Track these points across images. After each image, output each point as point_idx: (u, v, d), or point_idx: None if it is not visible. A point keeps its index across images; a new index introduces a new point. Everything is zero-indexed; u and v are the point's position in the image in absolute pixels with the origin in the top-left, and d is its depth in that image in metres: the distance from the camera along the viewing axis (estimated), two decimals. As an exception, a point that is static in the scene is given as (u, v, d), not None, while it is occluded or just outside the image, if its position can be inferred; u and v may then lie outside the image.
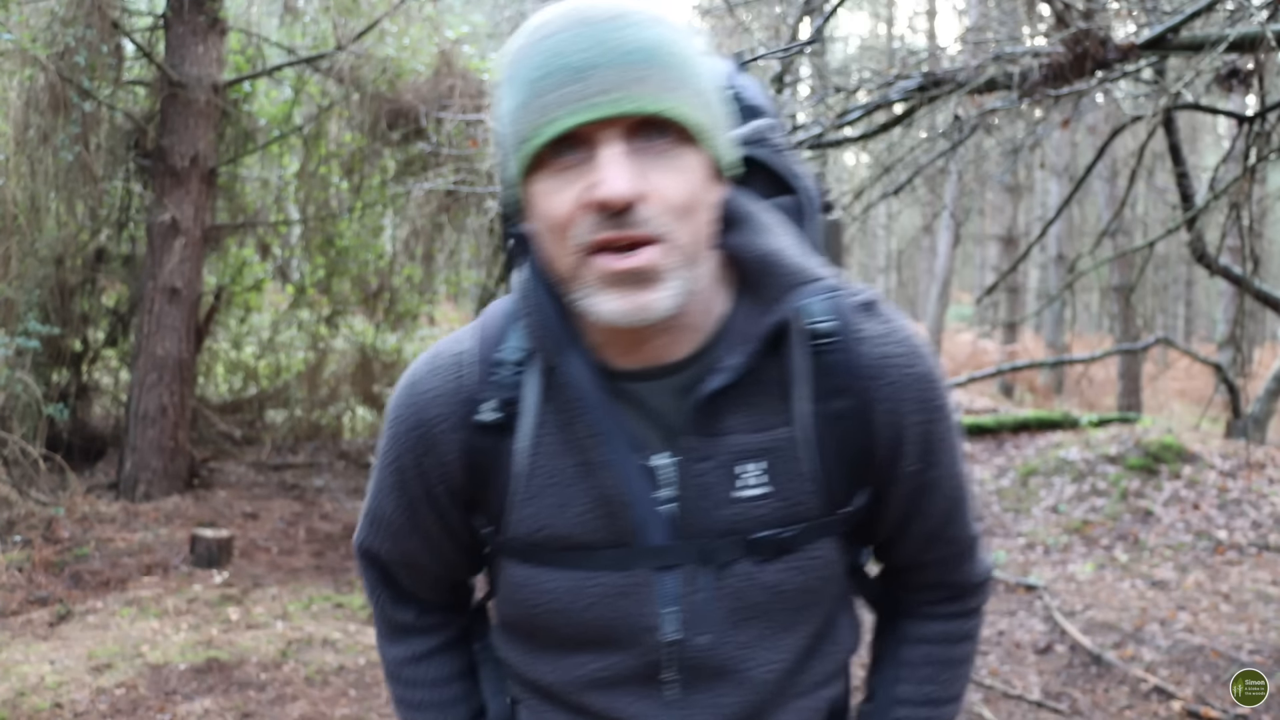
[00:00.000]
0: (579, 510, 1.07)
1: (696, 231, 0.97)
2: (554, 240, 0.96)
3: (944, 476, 1.13)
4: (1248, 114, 4.67)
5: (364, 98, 7.50)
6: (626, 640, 1.08)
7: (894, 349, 1.07)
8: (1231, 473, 7.67)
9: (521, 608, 1.12)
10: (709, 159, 0.99)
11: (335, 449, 9.08)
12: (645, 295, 0.94)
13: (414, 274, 8.90)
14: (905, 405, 1.07)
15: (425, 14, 7.96)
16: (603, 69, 0.92)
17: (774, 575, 1.07)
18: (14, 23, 6.25)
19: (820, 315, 1.06)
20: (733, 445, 1.05)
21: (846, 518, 1.10)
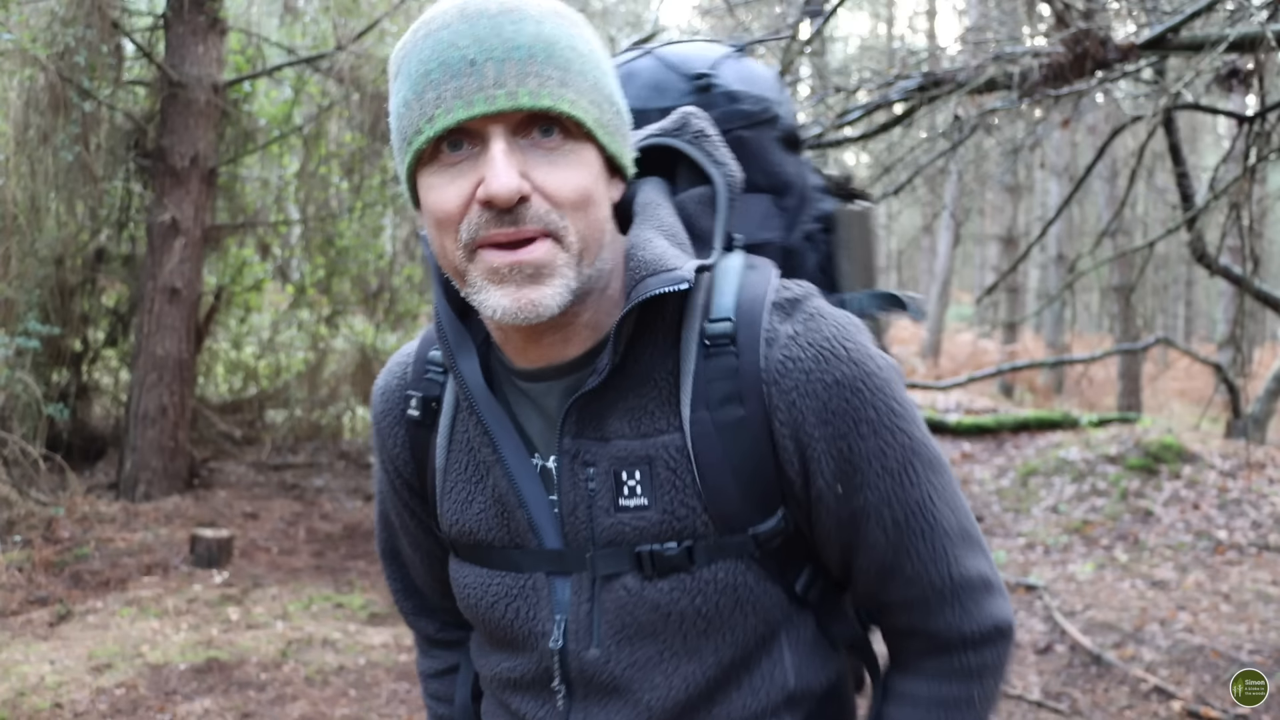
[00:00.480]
0: (480, 508, 1.07)
1: (588, 228, 0.94)
2: (442, 236, 0.94)
3: (884, 503, 0.99)
4: (1248, 114, 4.67)
5: (364, 98, 7.50)
6: (524, 643, 1.06)
7: (801, 350, 0.97)
8: (1231, 473, 7.67)
9: (458, 599, 1.13)
10: (604, 155, 0.97)
11: (335, 449, 9.08)
12: (533, 291, 0.92)
13: (414, 274, 8.90)
14: (808, 416, 0.96)
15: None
16: (492, 63, 0.89)
17: (661, 594, 0.99)
18: (14, 23, 6.25)
19: (720, 313, 0.99)
20: (616, 450, 0.99)
21: (755, 541, 1.00)
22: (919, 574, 1.01)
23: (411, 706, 4.00)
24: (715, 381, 0.98)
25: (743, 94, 1.14)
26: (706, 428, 0.97)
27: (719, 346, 0.98)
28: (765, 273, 1.03)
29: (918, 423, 1.01)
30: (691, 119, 1.06)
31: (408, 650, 4.61)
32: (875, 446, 0.97)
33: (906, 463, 0.99)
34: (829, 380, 0.96)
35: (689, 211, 1.05)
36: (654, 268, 0.96)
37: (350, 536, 6.57)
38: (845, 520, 1.00)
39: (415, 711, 3.96)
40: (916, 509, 1.00)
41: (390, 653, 4.56)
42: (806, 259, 1.15)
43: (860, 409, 0.97)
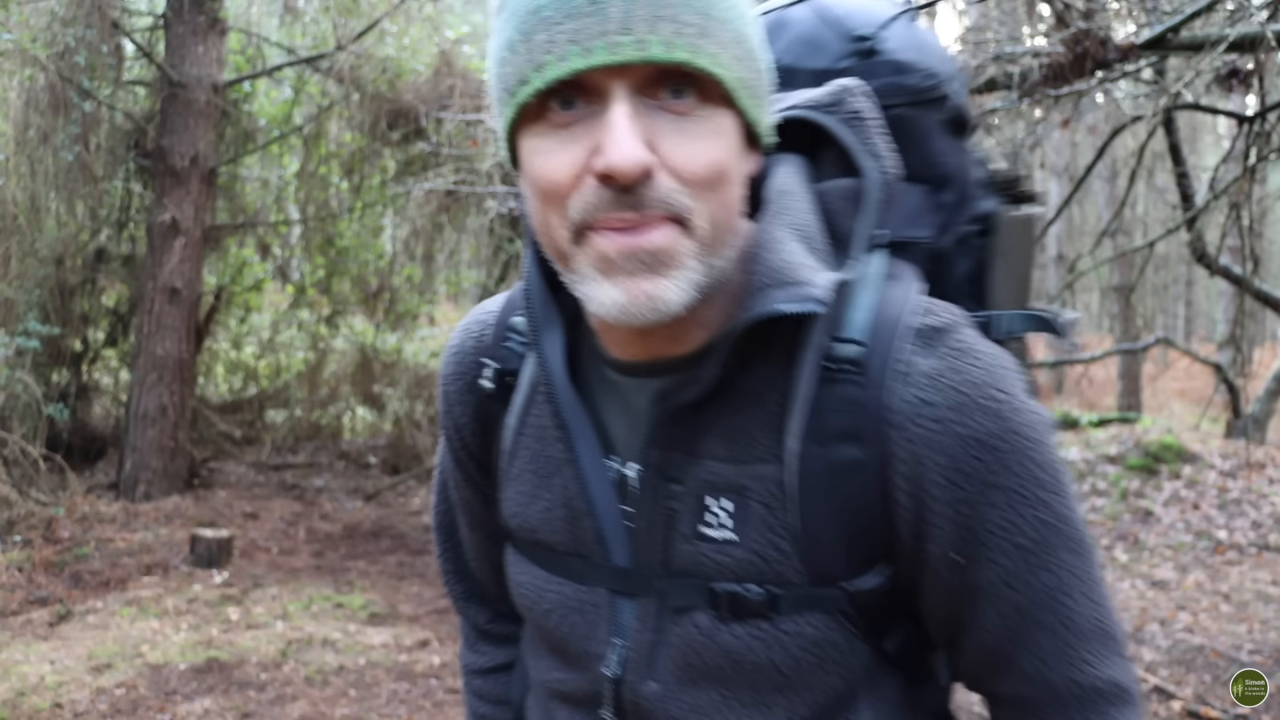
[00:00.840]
0: (545, 505, 0.96)
1: (721, 211, 0.79)
2: (546, 210, 0.80)
3: (1007, 583, 0.84)
4: (1248, 114, 4.67)
5: (364, 98, 7.50)
6: (576, 660, 0.96)
7: (938, 394, 0.82)
8: (1231, 473, 7.67)
9: (512, 590, 1.03)
10: (743, 123, 0.81)
11: (335, 449, 9.08)
12: (652, 284, 0.77)
13: (414, 274, 8.90)
14: (933, 473, 0.82)
15: (425, 14, 7.97)
16: (620, 1, 0.73)
17: (735, 640, 0.87)
18: (14, 23, 6.25)
19: (850, 331, 0.85)
20: (706, 472, 0.87)
21: (850, 597, 0.86)
22: (1037, 672, 0.86)
23: (411, 707, 4.00)
24: (832, 413, 0.83)
25: (912, 65, 0.96)
26: (813, 465, 0.84)
27: (843, 373, 0.84)
28: (907, 287, 0.88)
29: (1065, 494, 0.85)
30: (849, 96, 0.90)
31: (408, 650, 4.61)
32: (1008, 518, 0.83)
33: (1042, 540, 0.83)
34: (965, 435, 0.81)
35: (831, 206, 0.89)
36: (781, 277, 0.81)
37: (350, 536, 6.57)
38: (958, 594, 0.86)
39: (415, 711, 3.96)
40: (1045, 596, 0.84)
41: (390, 653, 4.56)
42: (955, 266, 0.99)
43: (997, 473, 0.82)
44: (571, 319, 0.94)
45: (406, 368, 9.36)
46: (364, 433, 9.58)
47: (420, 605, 5.30)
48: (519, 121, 0.80)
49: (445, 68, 7.66)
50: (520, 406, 0.98)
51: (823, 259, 0.85)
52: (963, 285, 0.99)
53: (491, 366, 0.99)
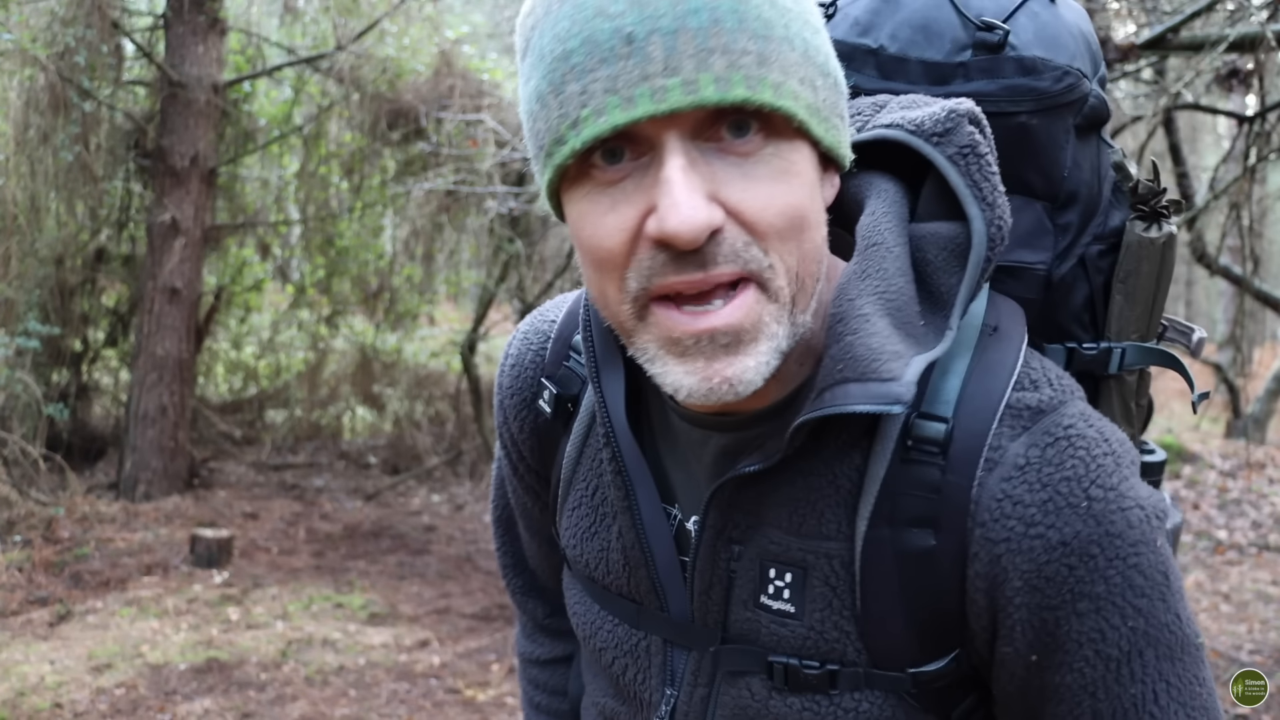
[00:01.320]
0: (600, 547, 0.90)
1: (803, 261, 0.70)
2: (602, 280, 0.71)
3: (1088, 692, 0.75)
4: (1248, 114, 4.67)
5: (364, 98, 7.50)
6: (630, 700, 0.92)
7: (1028, 490, 0.72)
8: (1231, 473, 7.67)
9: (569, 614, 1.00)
10: (819, 149, 0.72)
11: (335, 449, 9.08)
12: (731, 366, 0.68)
13: (414, 274, 8.90)
14: (1013, 577, 0.73)
15: (425, 14, 7.97)
16: (659, 36, 0.63)
17: (790, 712, 0.80)
18: (14, 23, 6.25)
19: (936, 408, 0.75)
20: (768, 540, 0.80)
21: (914, 680, 0.79)
22: None
23: (411, 707, 4.00)
24: (908, 496, 0.74)
25: (1043, 64, 0.83)
26: (883, 549, 0.75)
27: (924, 453, 0.74)
28: (1010, 347, 0.77)
29: (1168, 598, 0.74)
30: (963, 127, 0.76)
31: (408, 650, 4.61)
32: (1094, 626, 0.73)
33: (1134, 651, 0.73)
34: (1053, 540, 0.72)
35: (927, 257, 0.76)
36: (862, 370, 0.70)
37: (350, 536, 6.57)
38: (1033, 691, 0.77)
39: (415, 711, 3.96)
40: (1132, 708, 0.74)
41: (390, 653, 4.56)
42: (1073, 293, 0.87)
43: (1085, 581, 0.72)
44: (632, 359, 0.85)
45: (406, 368, 9.37)
46: (364, 433, 9.58)
47: (420, 605, 5.30)
48: (560, 180, 0.71)
49: (445, 68, 7.66)
50: (579, 436, 0.91)
51: (913, 334, 0.73)
52: (1080, 313, 0.88)
53: (550, 390, 0.92)
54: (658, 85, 0.63)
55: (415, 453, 8.71)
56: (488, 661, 4.52)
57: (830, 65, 0.73)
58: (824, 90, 0.71)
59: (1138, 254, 0.86)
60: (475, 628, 5.00)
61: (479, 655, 4.60)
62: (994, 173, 0.76)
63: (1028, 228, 0.85)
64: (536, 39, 0.69)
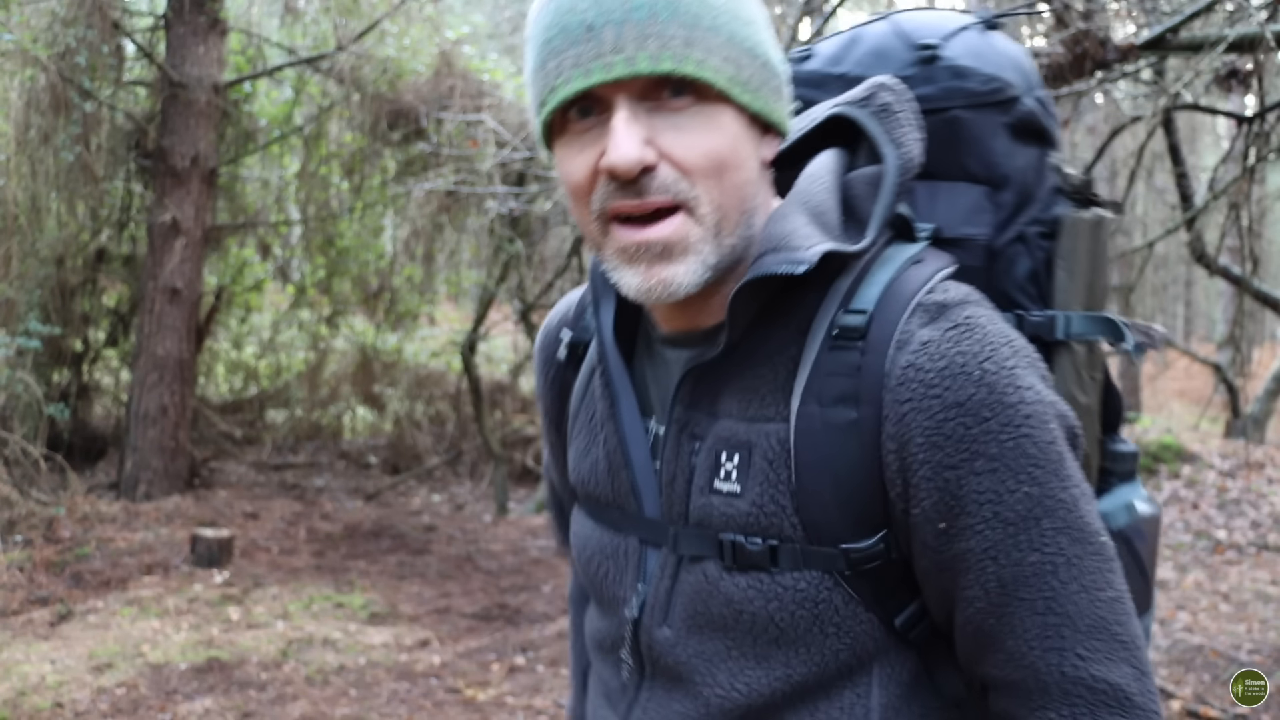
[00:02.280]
0: (593, 460, 1.06)
1: (725, 196, 0.88)
2: (577, 206, 0.92)
3: (990, 556, 0.85)
4: (1247, 114, 4.68)
5: (364, 98, 7.51)
6: (609, 606, 1.04)
7: (928, 360, 0.86)
8: (1231, 473, 7.68)
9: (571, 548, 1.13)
10: (747, 113, 0.90)
11: (335, 449, 9.09)
12: (664, 270, 0.88)
13: (414, 274, 8.91)
14: (915, 434, 0.85)
15: (425, 14, 7.97)
16: (610, 26, 0.85)
17: (736, 589, 0.91)
18: (14, 23, 6.25)
19: (859, 304, 0.91)
20: (721, 429, 0.94)
21: (846, 558, 0.89)
22: (1021, 655, 0.86)
23: (411, 707, 4.01)
24: (833, 376, 0.89)
25: (970, 70, 1.02)
26: (813, 423, 0.89)
27: (846, 339, 0.89)
28: (928, 269, 0.93)
29: (1063, 478, 0.85)
30: (880, 91, 0.97)
31: (408, 650, 4.62)
32: (990, 487, 0.84)
33: (1030, 516, 0.84)
34: (949, 400, 0.84)
35: (855, 192, 0.96)
36: (777, 244, 0.89)
37: (350, 536, 6.58)
38: (945, 563, 0.87)
39: (415, 711, 3.97)
40: (1033, 576, 0.84)
41: (390, 652, 4.57)
42: (1015, 264, 1.01)
43: (980, 440, 0.84)
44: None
45: (406, 368, 9.37)
46: (364, 433, 9.59)
47: (420, 605, 5.30)
48: (550, 134, 0.92)
49: (445, 68, 7.67)
50: (585, 374, 1.11)
51: (829, 232, 0.91)
52: (1024, 284, 1.01)
53: (567, 338, 1.12)
54: (607, 60, 0.85)
55: (415, 453, 8.72)
56: (488, 661, 4.53)
57: (759, 50, 0.91)
58: (749, 68, 0.90)
59: (1073, 232, 1.02)
60: (475, 628, 5.01)
61: (479, 655, 4.60)
62: (905, 123, 0.95)
63: (969, 206, 1.02)
64: (533, 29, 0.91)
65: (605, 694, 1.07)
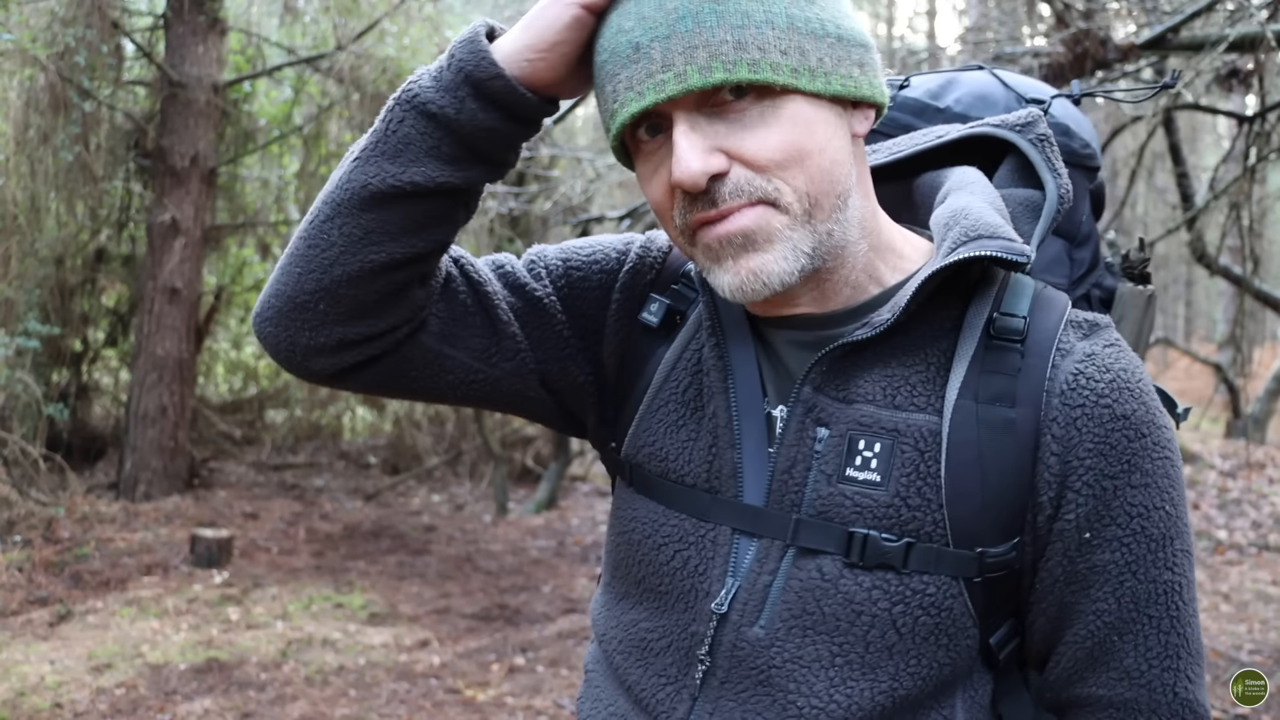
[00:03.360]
0: (687, 437, 0.98)
1: (810, 181, 0.85)
2: (665, 224, 0.91)
3: (1130, 570, 0.87)
4: (1248, 114, 4.67)
5: (364, 98, 7.50)
6: (679, 599, 0.96)
7: (1096, 371, 0.88)
8: (1231, 473, 7.67)
9: (614, 536, 1.05)
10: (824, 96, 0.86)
11: (335, 449, 9.08)
12: (752, 260, 0.85)
13: (414, 274, 8.89)
14: (1085, 440, 0.86)
15: (425, 14, 7.97)
16: (658, 43, 0.83)
17: (859, 589, 0.87)
18: (14, 23, 6.25)
19: (1013, 309, 0.90)
20: (858, 415, 0.90)
21: (982, 562, 0.87)
22: (1140, 672, 0.87)
23: (411, 707, 4.00)
24: (992, 375, 0.88)
25: (1074, 131, 1.08)
26: (969, 419, 0.87)
27: (1006, 340, 0.89)
28: (1061, 295, 0.95)
29: (1185, 504, 0.90)
30: (1041, 121, 0.99)
31: (408, 650, 4.61)
32: (1143, 501, 0.87)
33: (1168, 536, 0.87)
34: (1119, 412, 0.86)
35: (1011, 210, 0.97)
36: (993, 231, 0.88)
37: (350, 536, 6.57)
38: (1078, 574, 0.88)
39: (415, 712, 3.96)
40: (1164, 594, 0.87)
41: (390, 653, 4.56)
42: None
43: (1140, 455, 0.87)
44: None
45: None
46: (364, 433, 9.59)
47: (420, 605, 5.30)
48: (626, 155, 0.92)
49: (445, 68, 7.66)
50: (681, 344, 1.03)
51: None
52: None
53: (660, 301, 1.04)
54: (658, 79, 0.83)
55: (415, 453, 8.72)
56: (488, 661, 4.52)
57: (828, 27, 0.86)
58: (817, 51, 0.85)
59: (1128, 302, 1.08)
60: (475, 628, 5.00)
61: (479, 655, 4.60)
62: (1059, 154, 0.98)
63: (1052, 256, 1.05)
64: (595, 54, 0.90)
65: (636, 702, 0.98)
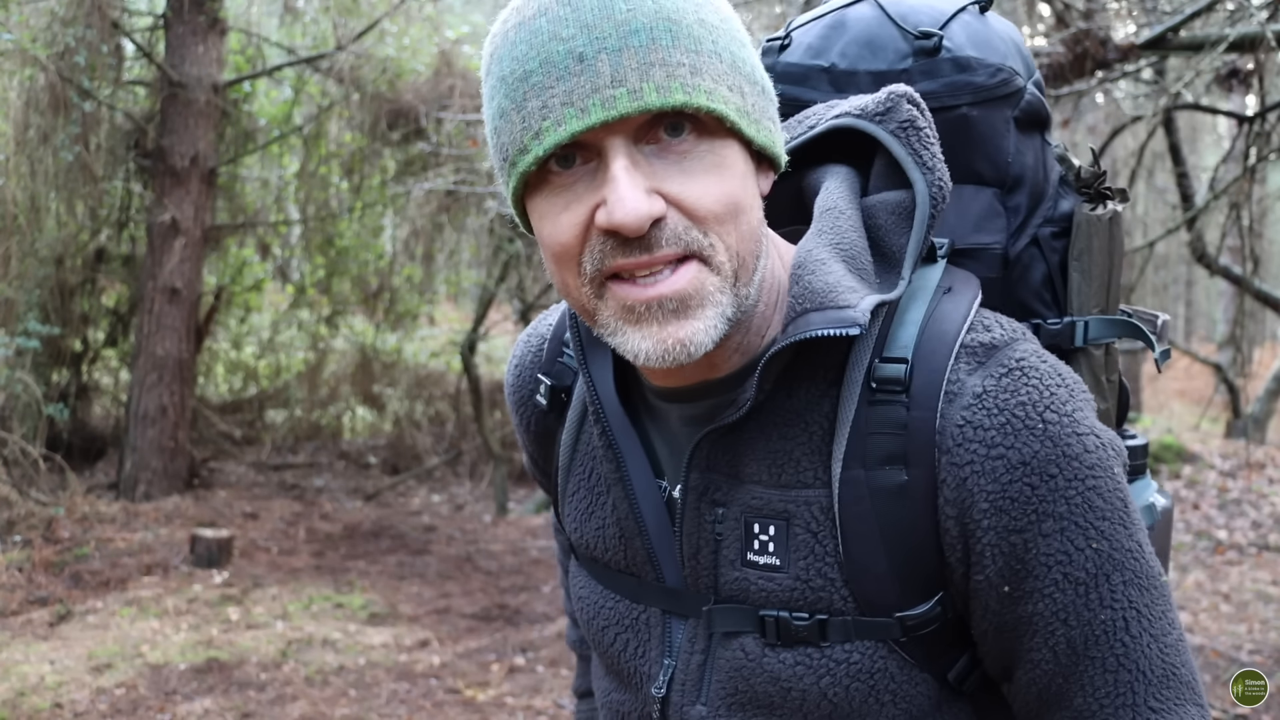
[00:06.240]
0: (598, 524, 0.95)
1: (740, 241, 0.77)
2: (562, 270, 0.79)
3: (1060, 619, 0.80)
4: (1248, 114, 4.68)
5: (364, 98, 7.50)
6: (629, 679, 0.95)
7: (986, 415, 0.78)
8: (1231, 473, 7.67)
9: (575, 609, 1.03)
10: (751, 147, 0.80)
11: (335, 449, 9.08)
12: (681, 328, 0.75)
13: (414, 274, 8.90)
14: (979, 499, 0.78)
15: (425, 14, 7.97)
16: (606, 55, 0.72)
17: (783, 667, 0.84)
18: (14, 23, 6.25)
19: (896, 350, 0.81)
20: (749, 497, 0.85)
21: (901, 626, 0.82)
22: (1091, 713, 0.81)
23: (411, 707, 4.00)
24: (877, 435, 0.80)
25: (976, 62, 0.92)
26: (859, 490, 0.80)
27: (888, 393, 0.80)
28: (962, 301, 0.84)
29: (1129, 525, 0.81)
30: (901, 104, 0.85)
31: (408, 650, 4.61)
32: (1060, 548, 0.78)
33: (1100, 574, 0.79)
34: (1014, 460, 0.77)
35: (878, 222, 0.86)
36: (820, 301, 0.79)
37: (350, 536, 6.57)
38: (1008, 626, 0.82)
39: (415, 712, 3.96)
40: (1104, 634, 0.80)
41: (390, 653, 4.56)
42: (1031, 271, 0.94)
43: (1047, 500, 0.78)
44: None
45: (406, 368, 9.37)
46: (364, 433, 9.59)
47: (420, 605, 5.30)
48: (523, 189, 0.79)
49: (445, 68, 7.66)
50: (574, 424, 0.98)
51: (867, 279, 0.82)
52: (1040, 290, 0.95)
53: (545, 383, 0.99)
54: (607, 95, 0.72)
55: (415, 453, 8.71)
56: (488, 661, 4.52)
57: (757, 75, 0.81)
58: (752, 96, 0.79)
59: (1088, 232, 0.93)
60: (475, 628, 5.00)
61: (479, 655, 4.60)
62: (932, 142, 0.85)
63: (980, 212, 0.93)
64: (495, 64, 0.78)
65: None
